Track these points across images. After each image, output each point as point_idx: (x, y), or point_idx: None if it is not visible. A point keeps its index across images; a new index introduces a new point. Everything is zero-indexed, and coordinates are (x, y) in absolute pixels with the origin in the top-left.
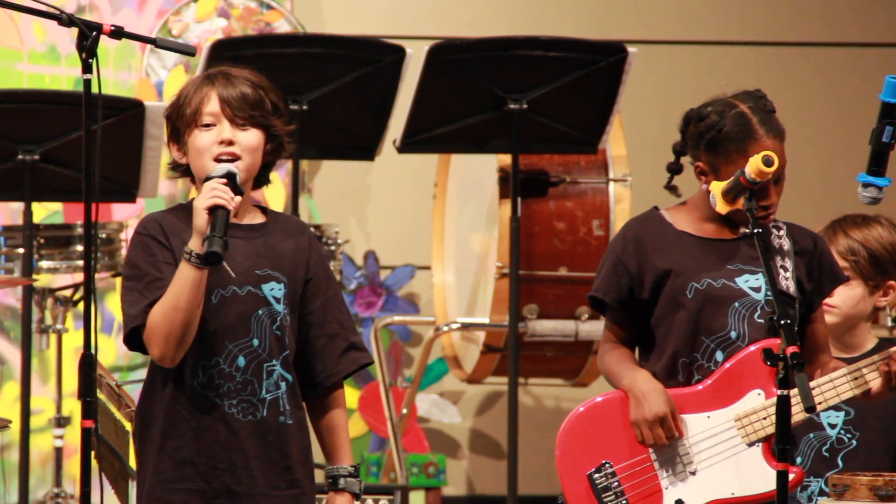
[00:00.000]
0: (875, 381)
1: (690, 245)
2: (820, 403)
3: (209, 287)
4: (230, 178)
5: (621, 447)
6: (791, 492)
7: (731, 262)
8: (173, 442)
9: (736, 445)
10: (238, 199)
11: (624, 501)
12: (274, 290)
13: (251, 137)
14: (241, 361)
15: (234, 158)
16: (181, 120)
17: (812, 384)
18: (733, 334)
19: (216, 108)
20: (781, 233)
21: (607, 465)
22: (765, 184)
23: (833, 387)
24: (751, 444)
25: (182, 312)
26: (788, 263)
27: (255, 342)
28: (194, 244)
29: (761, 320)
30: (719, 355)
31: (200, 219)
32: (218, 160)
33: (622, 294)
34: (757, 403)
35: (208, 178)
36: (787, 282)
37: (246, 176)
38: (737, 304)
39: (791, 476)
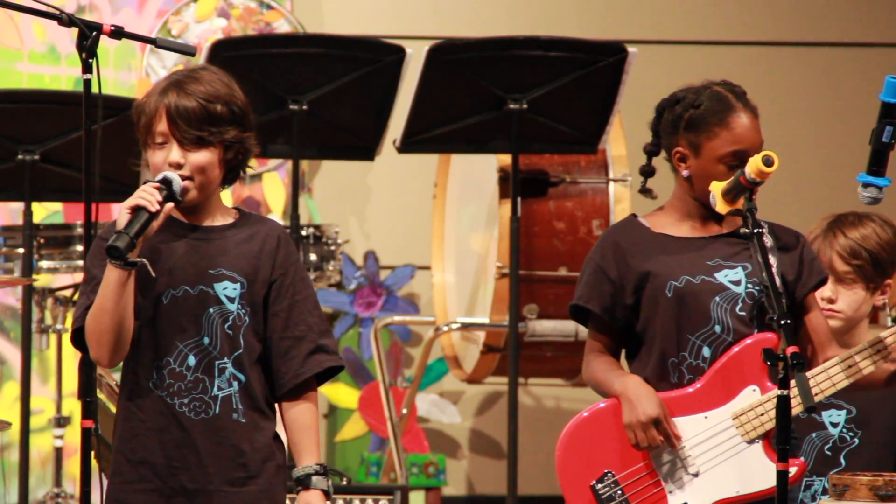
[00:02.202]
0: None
1: (668, 245)
2: (817, 395)
3: (159, 289)
4: (166, 183)
5: (621, 455)
6: (794, 484)
7: (710, 258)
8: (130, 443)
9: (736, 444)
10: (169, 205)
11: None
12: (227, 289)
13: (200, 158)
14: (192, 360)
15: (186, 177)
16: (138, 130)
17: (808, 374)
18: (717, 328)
19: (165, 128)
20: (763, 230)
21: (609, 475)
22: (746, 157)
23: (828, 377)
24: (750, 442)
25: (108, 314)
26: (772, 259)
27: (206, 340)
28: None
29: (743, 312)
30: (706, 351)
31: (121, 218)
32: None
33: (605, 301)
34: (753, 399)
35: (146, 183)
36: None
37: (199, 192)
38: (717, 299)
39: (794, 470)
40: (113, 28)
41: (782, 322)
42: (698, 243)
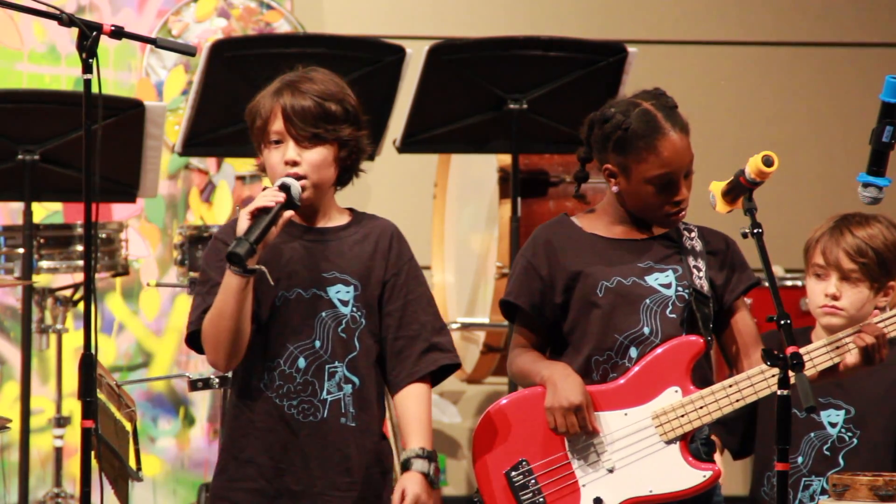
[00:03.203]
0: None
1: (600, 246)
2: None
3: (273, 291)
4: (284, 189)
5: (538, 445)
6: (708, 487)
7: (642, 260)
8: (238, 442)
9: (654, 444)
10: (289, 213)
11: (541, 499)
12: (340, 292)
13: (316, 156)
14: (302, 363)
15: (302, 176)
16: (253, 132)
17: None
18: (646, 330)
19: (281, 126)
20: (693, 234)
21: (524, 464)
22: (674, 178)
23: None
24: (668, 442)
25: (227, 320)
26: (701, 263)
27: (318, 344)
28: None
29: (673, 315)
30: (633, 352)
31: (241, 224)
32: None
33: (534, 298)
34: (675, 401)
35: (266, 188)
36: (701, 281)
37: (315, 191)
38: (648, 301)
39: (708, 474)
40: (113, 28)
41: (782, 322)
42: (630, 245)
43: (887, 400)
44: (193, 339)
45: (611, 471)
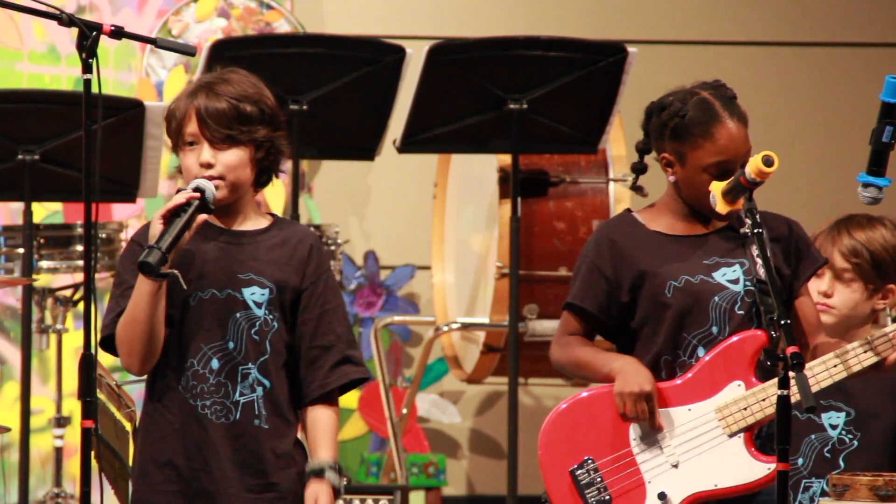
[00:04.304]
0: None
1: (664, 244)
2: (813, 386)
3: (187, 291)
4: (198, 192)
5: (603, 443)
6: (770, 484)
7: (707, 257)
8: (158, 444)
9: (717, 437)
10: (202, 216)
11: (607, 496)
12: (255, 294)
13: (231, 157)
14: (215, 364)
15: (217, 177)
16: (170, 133)
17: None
18: (714, 329)
19: (195, 129)
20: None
21: (589, 461)
22: (730, 168)
23: (825, 368)
24: (732, 435)
25: (140, 324)
26: (769, 252)
27: (231, 345)
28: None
29: (741, 312)
30: (700, 351)
31: (154, 228)
32: None
33: (600, 299)
34: (737, 394)
35: (179, 190)
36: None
37: (231, 192)
38: (716, 298)
39: (773, 466)
40: (113, 28)
41: (783, 322)
42: (695, 241)
43: (888, 402)
44: (107, 343)
45: (675, 466)
